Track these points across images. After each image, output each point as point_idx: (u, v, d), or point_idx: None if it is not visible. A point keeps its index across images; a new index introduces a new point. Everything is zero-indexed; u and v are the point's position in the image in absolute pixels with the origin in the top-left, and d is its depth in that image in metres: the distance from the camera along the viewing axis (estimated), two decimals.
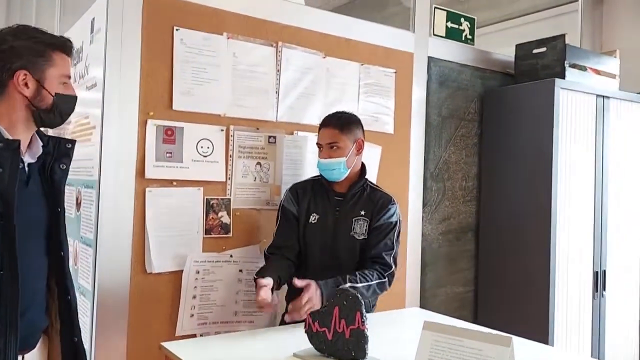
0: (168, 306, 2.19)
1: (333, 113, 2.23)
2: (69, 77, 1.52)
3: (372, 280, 2.06)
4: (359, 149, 2.20)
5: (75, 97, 1.54)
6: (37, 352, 1.57)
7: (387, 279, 2.11)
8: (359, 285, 2.00)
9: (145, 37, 2.12)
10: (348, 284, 1.97)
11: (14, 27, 1.48)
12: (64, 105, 1.50)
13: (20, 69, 1.42)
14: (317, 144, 2.21)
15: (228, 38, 2.31)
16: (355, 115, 2.24)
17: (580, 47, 3.86)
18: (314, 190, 2.23)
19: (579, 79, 3.10)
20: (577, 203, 3.04)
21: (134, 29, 2.10)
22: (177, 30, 2.18)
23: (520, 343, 1.87)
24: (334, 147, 2.13)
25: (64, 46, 1.49)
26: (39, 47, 1.44)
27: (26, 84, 1.43)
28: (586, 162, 3.09)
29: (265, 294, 1.87)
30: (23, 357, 1.51)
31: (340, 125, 2.15)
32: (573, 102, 3.03)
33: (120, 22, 2.07)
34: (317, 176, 2.27)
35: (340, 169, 2.14)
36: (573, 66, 3.09)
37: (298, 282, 1.93)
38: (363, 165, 2.25)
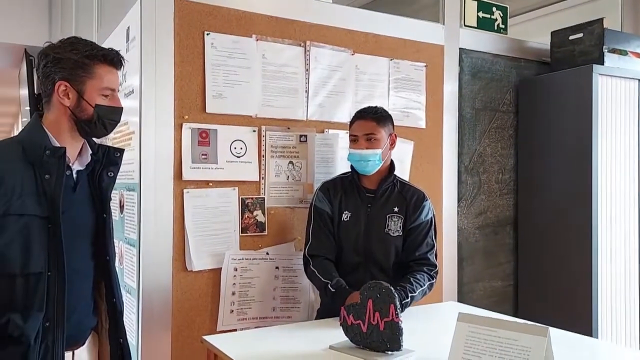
0: (209, 302, 2.26)
1: (368, 107, 2.25)
2: (113, 89, 1.55)
3: (424, 285, 2.10)
4: (392, 144, 2.23)
5: (120, 109, 1.57)
6: (87, 348, 1.64)
7: (434, 279, 2.16)
8: (416, 293, 2.06)
9: (178, 43, 2.19)
10: (409, 297, 2.02)
11: (65, 39, 1.54)
12: (106, 116, 1.54)
13: (61, 80, 1.48)
14: (351, 135, 2.21)
15: (257, 40, 2.35)
16: (387, 111, 2.26)
17: (621, 30, 3.74)
18: (344, 187, 2.24)
19: (618, 64, 3.01)
20: (621, 193, 2.96)
21: (166, 36, 2.16)
22: (207, 34, 2.24)
23: (563, 335, 1.85)
24: (372, 139, 2.15)
25: (106, 58, 1.52)
26: (80, 59, 1.49)
27: (67, 95, 1.49)
28: (629, 149, 3.00)
29: None
30: (73, 353, 1.59)
31: (377, 118, 2.18)
32: (613, 88, 2.94)
33: (154, 30, 2.14)
34: (346, 173, 2.28)
35: (375, 161, 2.15)
36: (612, 51, 3.00)
37: None
38: (392, 162, 2.26)
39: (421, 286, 2.08)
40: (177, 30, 2.19)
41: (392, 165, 2.25)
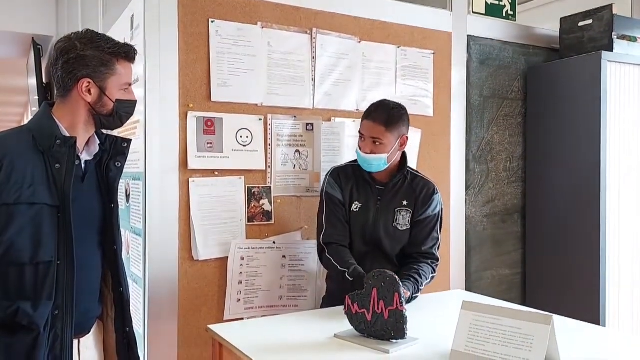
0: (215, 292, 2.27)
1: (382, 105, 2.11)
2: (130, 84, 1.59)
3: (429, 278, 2.12)
4: (402, 145, 2.13)
5: (135, 102, 1.62)
6: (92, 336, 1.66)
7: (435, 273, 2.16)
8: (423, 286, 2.09)
9: (182, 31, 2.18)
10: (419, 291, 2.05)
11: (82, 33, 1.55)
12: (124, 110, 1.58)
13: (84, 77, 1.50)
14: (359, 132, 2.13)
15: (262, 27, 2.34)
16: (404, 109, 2.13)
17: (632, 17, 3.68)
18: (355, 176, 2.19)
19: (628, 50, 2.97)
20: (630, 180, 2.93)
21: (171, 23, 2.16)
22: (212, 22, 2.23)
23: (569, 323, 1.84)
24: (377, 143, 2.05)
25: (127, 55, 1.56)
26: (104, 57, 1.51)
27: (89, 91, 1.51)
28: (638, 136, 2.96)
29: None
30: (79, 341, 1.61)
31: (387, 122, 2.05)
32: (622, 75, 2.91)
33: (158, 18, 2.13)
34: (356, 161, 2.26)
35: (380, 164, 2.09)
36: (622, 37, 2.96)
37: None
38: (404, 155, 2.19)
39: (427, 279, 2.10)
40: (181, 18, 2.18)
41: (403, 160, 2.18)
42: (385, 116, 2.06)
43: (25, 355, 1.42)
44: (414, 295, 2.02)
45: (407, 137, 2.14)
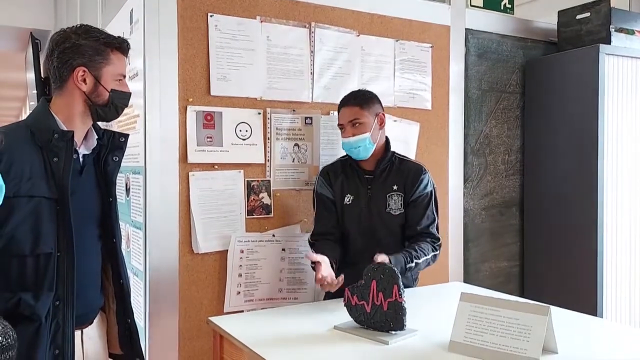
0: (215, 284, 2.28)
1: (350, 92, 2.24)
2: (124, 76, 1.61)
3: (428, 255, 2.11)
4: (381, 123, 2.21)
5: (129, 94, 1.63)
6: (95, 327, 1.68)
7: (438, 250, 2.16)
8: (421, 261, 2.07)
9: (181, 25, 2.18)
10: (414, 262, 2.03)
11: (76, 26, 1.58)
12: (119, 101, 1.59)
13: (79, 65, 1.52)
14: (338, 125, 2.22)
15: (261, 21, 2.34)
16: (371, 92, 2.24)
17: (630, 9, 3.69)
18: (344, 171, 2.25)
19: (625, 43, 2.98)
20: (627, 174, 2.95)
21: (170, 17, 2.16)
22: (211, 16, 2.23)
23: (566, 314, 1.86)
24: (357, 124, 2.13)
25: (121, 46, 1.58)
26: (98, 46, 1.54)
27: (84, 80, 1.53)
28: (635, 129, 2.98)
29: (326, 271, 1.90)
30: (82, 332, 1.62)
31: (359, 102, 2.16)
32: (620, 68, 2.92)
33: (157, 12, 2.13)
34: (345, 156, 2.28)
35: (366, 145, 2.14)
36: (619, 30, 2.98)
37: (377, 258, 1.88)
38: (387, 139, 2.25)
39: (425, 255, 2.09)
40: (180, 13, 2.18)
41: (387, 144, 2.24)
42: (356, 97, 2.18)
43: (27, 346, 1.44)
44: (407, 266, 2.00)
45: (384, 115, 2.22)
